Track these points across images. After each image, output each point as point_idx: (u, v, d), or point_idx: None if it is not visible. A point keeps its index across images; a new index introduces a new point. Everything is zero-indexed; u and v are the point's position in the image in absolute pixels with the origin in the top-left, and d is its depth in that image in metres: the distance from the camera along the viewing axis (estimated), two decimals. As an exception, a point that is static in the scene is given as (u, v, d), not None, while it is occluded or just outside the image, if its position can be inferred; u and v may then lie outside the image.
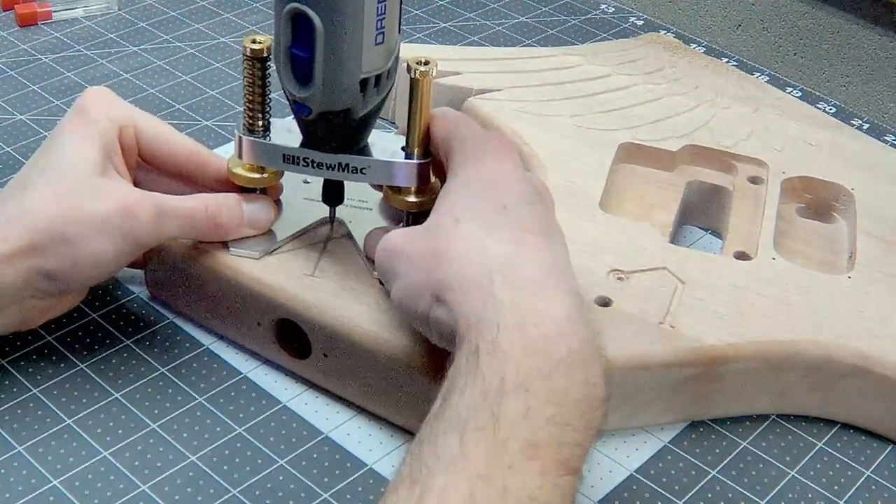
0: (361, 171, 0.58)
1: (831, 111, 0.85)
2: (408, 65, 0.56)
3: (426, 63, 0.56)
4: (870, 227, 0.68)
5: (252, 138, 0.59)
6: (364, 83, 0.55)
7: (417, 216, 0.58)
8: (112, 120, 0.59)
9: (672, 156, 0.73)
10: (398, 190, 0.59)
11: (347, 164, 0.58)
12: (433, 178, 0.59)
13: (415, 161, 0.58)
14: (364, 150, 0.59)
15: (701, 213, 0.73)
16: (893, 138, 0.84)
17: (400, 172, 0.58)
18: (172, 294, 0.64)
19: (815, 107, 0.84)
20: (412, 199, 0.59)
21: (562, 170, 0.70)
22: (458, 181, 0.54)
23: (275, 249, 0.60)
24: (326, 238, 0.62)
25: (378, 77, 0.56)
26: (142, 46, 0.89)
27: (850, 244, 0.68)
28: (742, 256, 0.66)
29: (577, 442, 0.45)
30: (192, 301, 0.63)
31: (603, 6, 1.00)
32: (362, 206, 0.63)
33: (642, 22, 0.98)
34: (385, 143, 0.59)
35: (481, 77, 0.79)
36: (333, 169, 0.58)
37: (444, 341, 0.51)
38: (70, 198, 0.56)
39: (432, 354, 0.54)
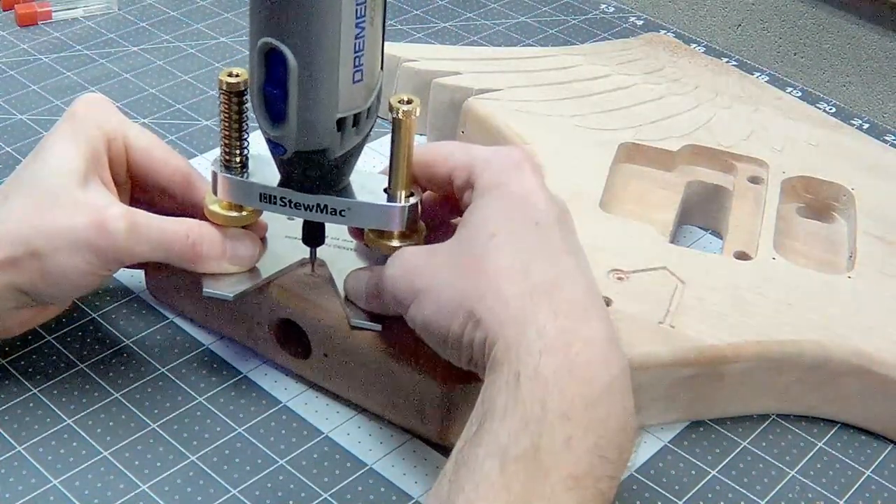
0: (341, 214, 0.55)
1: (831, 111, 0.85)
2: (390, 104, 0.54)
3: (409, 102, 0.53)
4: (870, 227, 0.68)
5: (228, 175, 0.56)
6: (341, 122, 0.52)
7: None
8: (101, 129, 0.57)
9: (672, 156, 0.73)
10: (381, 233, 0.56)
11: (327, 206, 0.55)
12: (419, 222, 0.57)
13: (401, 204, 0.55)
14: (345, 191, 0.55)
15: (701, 213, 0.73)
16: (893, 138, 0.84)
17: (385, 216, 0.55)
18: (172, 294, 0.64)
19: (815, 107, 0.84)
20: (396, 243, 0.56)
21: (562, 170, 0.70)
22: (488, 198, 0.52)
23: (251, 290, 0.58)
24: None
25: (357, 116, 0.52)
26: (142, 46, 0.89)
27: (850, 244, 0.68)
28: (742, 256, 0.66)
29: (612, 474, 0.45)
30: (193, 301, 0.63)
31: (603, 6, 1.00)
32: (345, 246, 0.60)
33: (642, 22, 0.98)
34: (368, 183, 0.56)
35: (481, 77, 0.79)
36: (312, 210, 0.55)
37: (471, 364, 0.50)
38: (44, 210, 0.54)
39: (432, 355, 0.54)
